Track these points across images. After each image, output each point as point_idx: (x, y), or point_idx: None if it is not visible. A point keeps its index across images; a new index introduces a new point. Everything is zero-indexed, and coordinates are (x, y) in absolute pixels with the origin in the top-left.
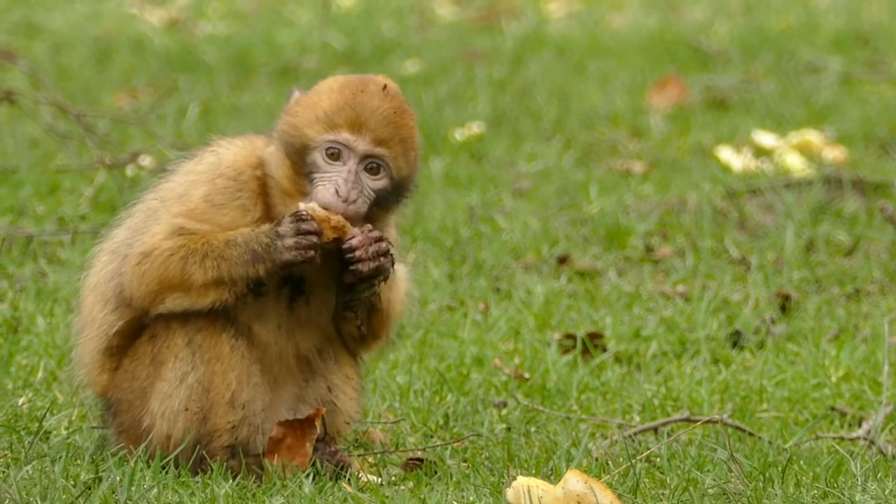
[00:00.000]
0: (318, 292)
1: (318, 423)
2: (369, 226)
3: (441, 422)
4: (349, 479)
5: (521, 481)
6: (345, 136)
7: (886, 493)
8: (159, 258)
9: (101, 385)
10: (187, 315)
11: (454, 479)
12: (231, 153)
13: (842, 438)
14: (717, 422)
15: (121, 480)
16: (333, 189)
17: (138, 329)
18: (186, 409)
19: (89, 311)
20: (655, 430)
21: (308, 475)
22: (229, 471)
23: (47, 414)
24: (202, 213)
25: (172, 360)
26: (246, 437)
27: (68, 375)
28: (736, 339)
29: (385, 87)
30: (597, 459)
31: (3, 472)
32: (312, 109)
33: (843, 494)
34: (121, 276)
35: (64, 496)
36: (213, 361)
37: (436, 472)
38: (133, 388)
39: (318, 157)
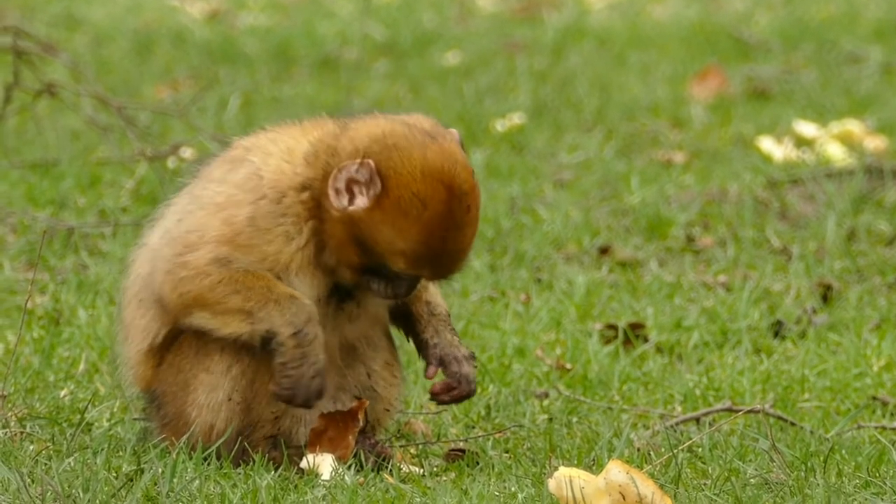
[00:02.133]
0: (369, 296)
1: (360, 415)
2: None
3: (483, 412)
4: (391, 471)
5: (563, 472)
6: (425, 273)
7: None
8: (201, 285)
9: (145, 380)
10: None
11: (496, 469)
12: (271, 169)
13: (884, 428)
14: (758, 412)
15: (163, 472)
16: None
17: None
18: (230, 400)
19: (131, 318)
20: (697, 420)
21: (350, 466)
22: (271, 462)
23: (89, 406)
24: (248, 238)
25: (218, 352)
26: (288, 428)
27: (110, 369)
28: (777, 329)
29: (469, 209)
30: (638, 450)
31: (46, 464)
32: (399, 235)
33: (885, 484)
34: (158, 283)
35: (106, 488)
36: (258, 352)
37: (478, 463)
38: (177, 380)
39: (388, 271)
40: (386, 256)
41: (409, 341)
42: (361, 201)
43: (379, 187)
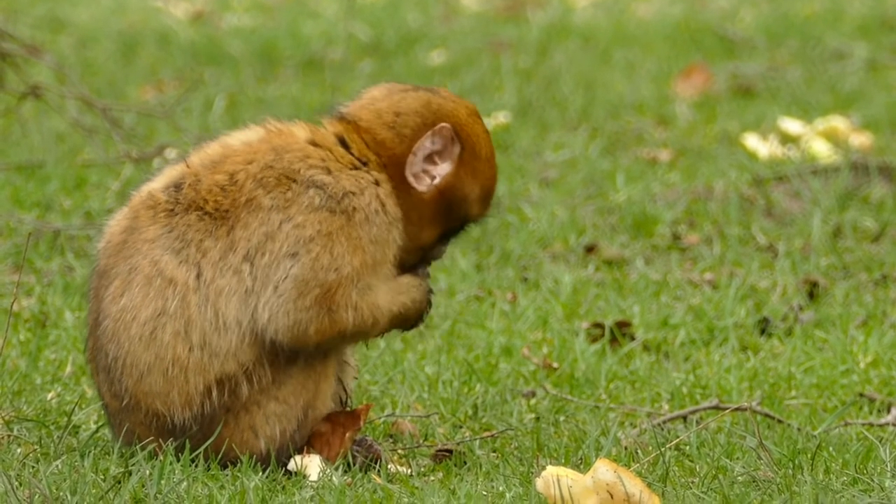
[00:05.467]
0: None
1: (364, 418)
2: None
3: (470, 412)
4: (379, 471)
5: (551, 471)
6: (489, 212)
7: None
8: (356, 322)
9: (195, 404)
10: None
11: (483, 469)
12: (354, 183)
13: (871, 425)
14: (745, 409)
15: (150, 474)
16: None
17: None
18: (288, 427)
19: (204, 339)
20: (684, 418)
21: (337, 467)
22: (259, 463)
23: (76, 408)
24: (374, 257)
25: (290, 381)
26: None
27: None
28: (764, 327)
29: None
30: (626, 448)
31: (33, 466)
32: (478, 180)
33: (872, 481)
34: (265, 313)
35: (94, 490)
36: (321, 381)
37: (465, 463)
38: (233, 404)
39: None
40: (471, 208)
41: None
42: (444, 167)
43: (459, 146)
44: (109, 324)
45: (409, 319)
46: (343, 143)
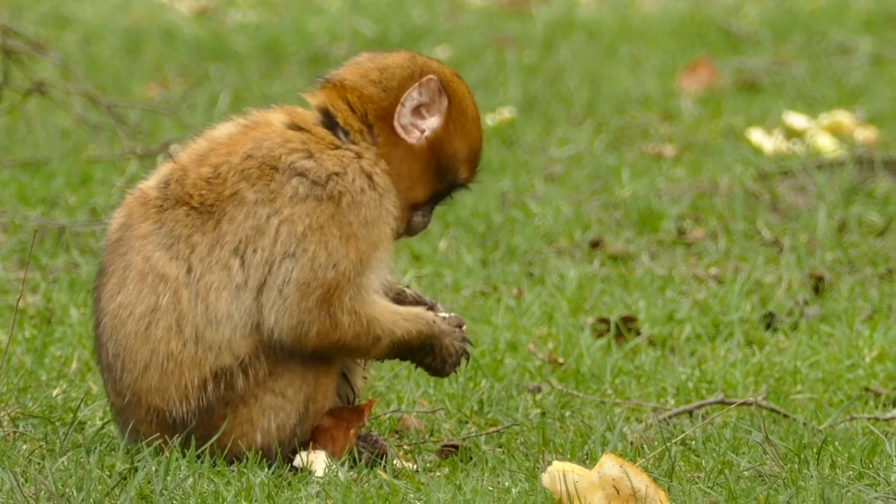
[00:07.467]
0: None
1: (367, 414)
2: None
3: (475, 407)
4: (384, 467)
5: (557, 466)
6: (476, 176)
7: None
8: (354, 332)
9: (192, 398)
10: None
11: (489, 464)
12: (337, 162)
13: (876, 419)
14: (751, 404)
15: (156, 470)
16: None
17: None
18: (288, 421)
19: (197, 333)
20: (690, 413)
21: (343, 463)
22: (265, 459)
23: (82, 405)
24: (367, 243)
25: (287, 374)
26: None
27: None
28: (769, 321)
29: None
30: (632, 443)
31: (39, 463)
32: (466, 138)
33: (878, 475)
34: (287, 328)
35: (100, 487)
36: (321, 375)
37: (471, 458)
38: (230, 398)
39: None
40: (460, 166)
41: None
42: (433, 121)
43: (446, 99)
44: (108, 321)
45: (414, 351)
46: (326, 114)
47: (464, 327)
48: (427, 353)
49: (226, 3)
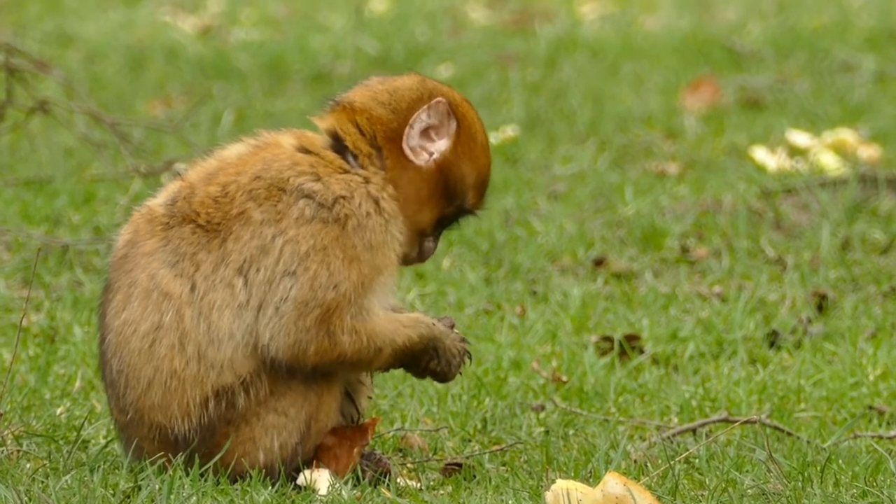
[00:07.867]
0: None
1: (371, 432)
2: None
3: (479, 426)
4: (388, 485)
5: (560, 484)
6: (483, 204)
7: None
8: (357, 348)
9: (194, 416)
10: None
11: (493, 483)
12: (345, 186)
13: (880, 437)
14: (755, 422)
15: (160, 489)
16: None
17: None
18: (290, 440)
19: (199, 352)
20: (694, 431)
21: (347, 481)
22: (267, 477)
23: (85, 423)
24: (371, 268)
25: (290, 393)
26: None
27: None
28: (773, 339)
29: None
30: (635, 461)
31: (43, 481)
32: (474, 163)
33: (881, 493)
34: (267, 333)
35: None
36: (324, 394)
37: (474, 477)
38: (232, 416)
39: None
40: (467, 192)
41: None
42: (442, 143)
43: (455, 122)
44: (112, 337)
45: (418, 357)
46: (335, 137)
47: (455, 328)
48: (431, 357)
49: (229, 21)
